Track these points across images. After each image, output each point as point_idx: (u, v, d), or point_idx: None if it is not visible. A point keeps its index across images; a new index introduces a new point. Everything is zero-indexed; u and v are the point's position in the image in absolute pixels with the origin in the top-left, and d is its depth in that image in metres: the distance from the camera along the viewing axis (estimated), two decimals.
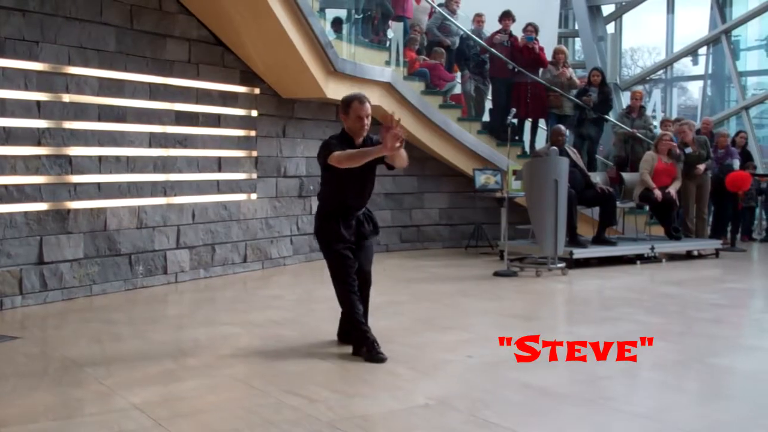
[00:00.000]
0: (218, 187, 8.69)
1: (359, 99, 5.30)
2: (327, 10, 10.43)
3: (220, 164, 8.70)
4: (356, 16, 11.14)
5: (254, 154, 9.13)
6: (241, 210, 8.97)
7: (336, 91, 9.36)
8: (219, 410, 4.12)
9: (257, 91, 9.12)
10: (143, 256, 7.83)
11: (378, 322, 6.25)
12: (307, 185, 9.81)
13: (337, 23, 10.88)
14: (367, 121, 5.28)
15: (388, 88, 10.28)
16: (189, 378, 4.69)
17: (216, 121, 8.65)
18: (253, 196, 9.14)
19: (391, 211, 11.07)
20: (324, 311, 6.91)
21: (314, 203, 9.81)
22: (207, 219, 8.54)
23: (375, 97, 10.08)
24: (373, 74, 9.96)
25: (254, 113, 9.11)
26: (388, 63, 10.87)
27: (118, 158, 7.59)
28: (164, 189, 8.07)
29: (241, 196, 8.98)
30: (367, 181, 5.36)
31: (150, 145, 7.92)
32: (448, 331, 5.83)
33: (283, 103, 9.47)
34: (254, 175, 9.14)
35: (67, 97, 7.12)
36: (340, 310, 5.41)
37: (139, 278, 7.80)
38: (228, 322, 6.32)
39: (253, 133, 9.10)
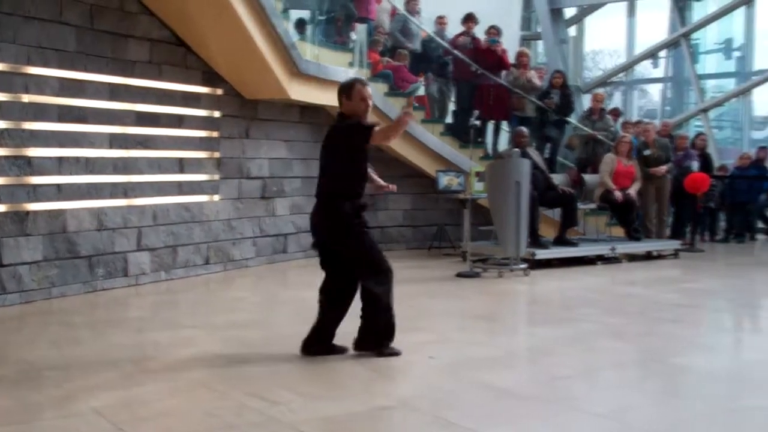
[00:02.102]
0: (180, 188, 8.62)
1: (360, 81, 5.28)
2: (290, 11, 10.42)
3: (181, 165, 8.64)
4: (320, 18, 11.13)
5: (217, 155, 9.07)
6: (203, 211, 8.91)
7: (299, 92, 9.34)
8: (180, 413, 4.10)
9: (220, 91, 9.07)
10: (103, 258, 7.75)
11: (342, 325, 6.25)
12: (270, 186, 9.78)
13: (300, 24, 10.86)
14: (371, 103, 5.23)
15: None
16: (150, 381, 4.65)
17: (178, 121, 8.58)
18: (216, 197, 9.08)
19: None
20: (287, 313, 6.91)
21: (278, 204, 9.82)
22: (168, 220, 8.47)
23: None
24: (336, 75, 9.94)
25: (217, 114, 9.06)
26: (351, 64, 10.87)
27: (78, 159, 7.50)
28: (125, 190, 7.99)
29: (203, 198, 8.92)
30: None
31: (110, 146, 7.84)
32: (411, 333, 5.85)
33: (247, 104, 9.43)
34: (216, 177, 9.09)
35: (26, 98, 7.03)
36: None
37: (100, 281, 7.72)
38: (190, 325, 6.28)
39: (215, 134, 9.05)
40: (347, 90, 5.22)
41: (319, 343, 5.24)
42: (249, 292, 8.19)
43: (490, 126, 12.20)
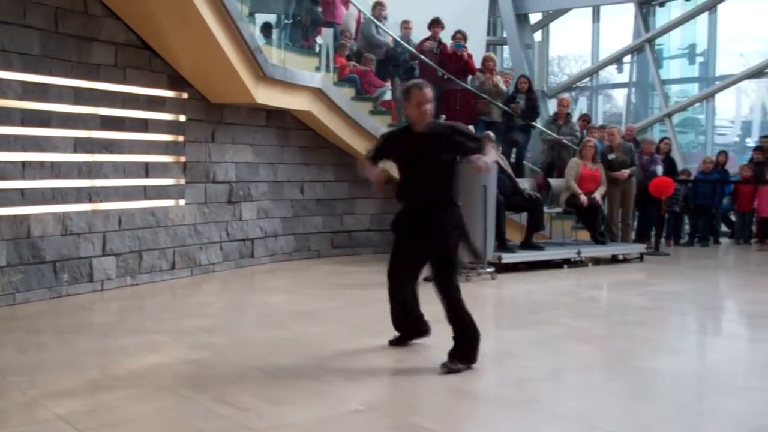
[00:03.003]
0: (145, 192, 8.56)
1: (418, 85, 5.15)
2: (256, 15, 10.38)
3: (147, 170, 8.57)
4: (286, 22, 11.11)
5: (182, 159, 9.02)
6: (168, 216, 8.85)
7: (266, 96, 9.31)
8: (147, 420, 4.07)
9: (185, 95, 9.03)
10: (68, 263, 7.67)
11: (310, 329, 6.25)
12: (237, 191, 9.74)
13: (266, 28, 10.83)
14: (428, 107, 5.09)
15: (319, 93, 10.27)
16: (116, 387, 4.61)
17: (143, 125, 8.52)
18: (182, 201, 9.03)
19: (323, 216, 11.06)
20: (254, 318, 6.88)
21: (245, 209, 9.78)
22: (134, 225, 8.41)
23: (305, 103, 10.07)
24: (303, 79, 9.94)
25: (182, 118, 9.01)
26: (318, 69, 10.86)
27: (42, 164, 7.42)
28: (90, 195, 7.92)
29: (168, 202, 8.86)
30: None
31: (75, 151, 7.76)
32: (380, 337, 5.85)
33: (212, 108, 9.38)
34: (182, 181, 9.03)
35: None
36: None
37: (64, 286, 7.64)
38: (156, 330, 6.23)
39: (181, 138, 9.00)
40: (406, 95, 5.18)
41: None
42: (216, 297, 8.15)
43: None
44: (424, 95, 5.04)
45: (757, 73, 15.54)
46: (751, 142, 14.89)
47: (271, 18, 11.05)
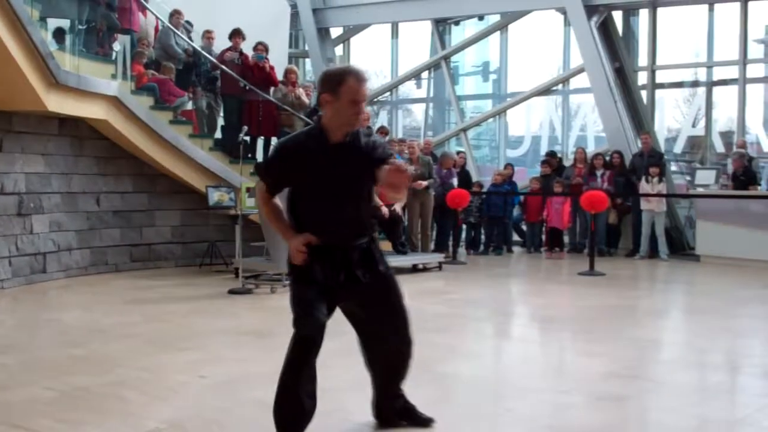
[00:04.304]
0: None
1: (356, 75, 3.67)
2: (48, 20, 9.89)
3: None
4: (80, 27, 10.65)
5: None
6: None
7: (58, 103, 8.90)
8: None
9: None
10: None
11: (108, 345, 6.01)
12: (27, 202, 9.21)
13: (59, 34, 10.33)
14: (361, 110, 3.72)
15: (116, 102, 9.93)
16: None
17: None
18: None
19: (120, 229, 10.66)
20: (47, 336, 6.54)
21: (36, 221, 9.28)
22: None
23: (101, 111, 9.71)
24: (98, 87, 9.57)
25: None
26: (114, 76, 10.49)
27: None
28: None
29: None
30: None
31: None
32: (182, 352, 5.71)
33: (0, 116, 8.84)
34: None
35: None
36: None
37: None
38: None
39: None
40: (333, 84, 3.67)
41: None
42: (5, 315, 7.66)
43: (261, 141, 12.19)
44: (363, 91, 3.65)
45: (545, 91, 16.46)
46: (540, 156, 15.70)
47: (65, 23, 10.55)
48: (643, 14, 15.02)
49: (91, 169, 10.26)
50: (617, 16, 15.12)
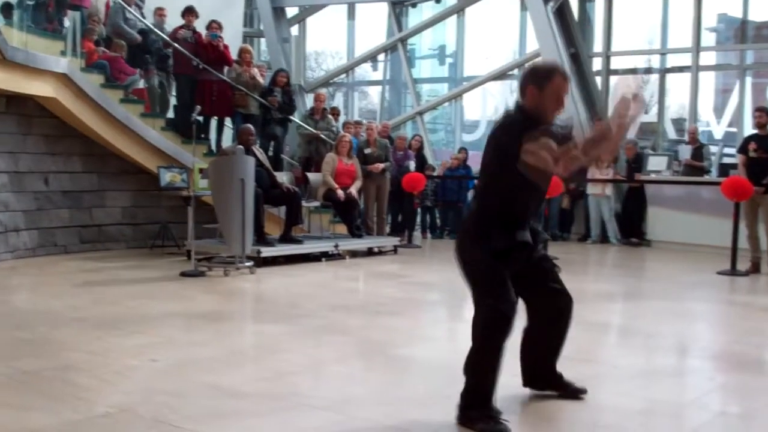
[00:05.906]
0: None
1: (563, 74, 3.83)
2: None
3: None
4: (28, 2, 10.40)
5: None
6: None
7: (5, 80, 8.69)
8: None
9: None
10: None
11: (56, 329, 5.90)
12: None
13: (6, 8, 10.08)
14: (563, 105, 3.85)
15: (65, 79, 9.72)
16: None
17: None
18: None
19: (69, 210, 10.47)
20: None
21: None
22: None
23: (50, 89, 9.50)
24: (47, 64, 9.36)
25: None
26: (64, 53, 10.27)
27: None
28: None
29: None
30: None
31: None
32: (132, 336, 5.61)
33: None
34: None
35: None
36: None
37: None
38: None
39: None
40: (540, 78, 3.82)
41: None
42: None
43: (214, 122, 12.04)
44: (567, 88, 3.85)
45: (500, 75, 16.49)
46: None
47: None
48: (599, 1, 15.11)
49: (40, 148, 10.05)
50: (573, 2, 15.17)
